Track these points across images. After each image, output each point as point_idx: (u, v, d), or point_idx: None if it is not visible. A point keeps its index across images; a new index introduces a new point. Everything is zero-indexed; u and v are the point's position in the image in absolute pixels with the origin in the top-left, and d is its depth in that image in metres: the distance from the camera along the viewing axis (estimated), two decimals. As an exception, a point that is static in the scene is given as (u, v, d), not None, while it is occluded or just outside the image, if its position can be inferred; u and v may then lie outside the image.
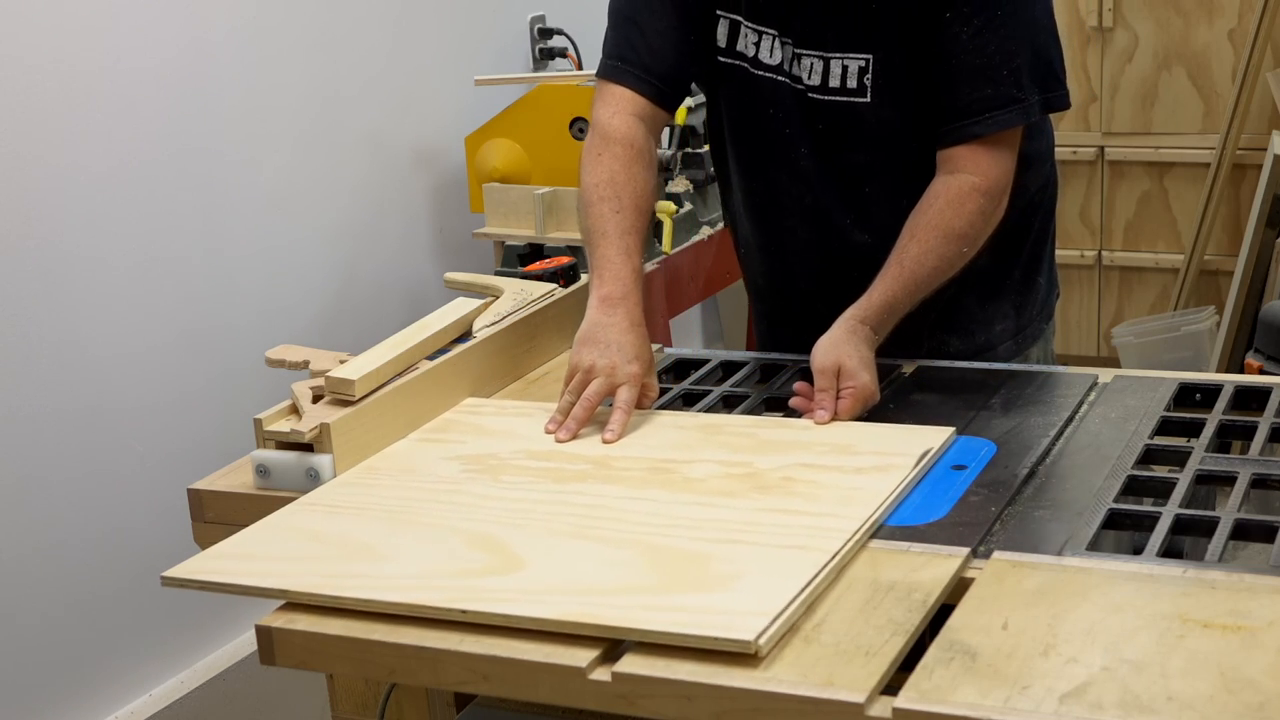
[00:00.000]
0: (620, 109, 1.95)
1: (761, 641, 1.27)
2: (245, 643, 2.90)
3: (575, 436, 1.75)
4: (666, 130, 3.36)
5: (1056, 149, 2.11)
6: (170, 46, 2.75)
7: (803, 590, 1.34)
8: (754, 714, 1.25)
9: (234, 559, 1.54)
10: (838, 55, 1.89)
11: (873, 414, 1.80)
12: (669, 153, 3.33)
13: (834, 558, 1.40)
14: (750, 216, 2.06)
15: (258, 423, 1.75)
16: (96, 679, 2.68)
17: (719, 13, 1.95)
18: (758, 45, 1.93)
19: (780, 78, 1.93)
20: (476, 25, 3.54)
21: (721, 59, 1.97)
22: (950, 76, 1.85)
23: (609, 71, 1.97)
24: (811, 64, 1.90)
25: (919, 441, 1.66)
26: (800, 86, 1.92)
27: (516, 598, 1.38)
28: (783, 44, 1.92)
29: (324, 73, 3.12)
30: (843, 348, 1.78)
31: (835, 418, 1.74)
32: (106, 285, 2.65)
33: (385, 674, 1.50)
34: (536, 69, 3.72)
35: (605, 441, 1.73)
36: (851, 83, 1.89)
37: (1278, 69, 4.11)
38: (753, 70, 1.95)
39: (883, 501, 1.52)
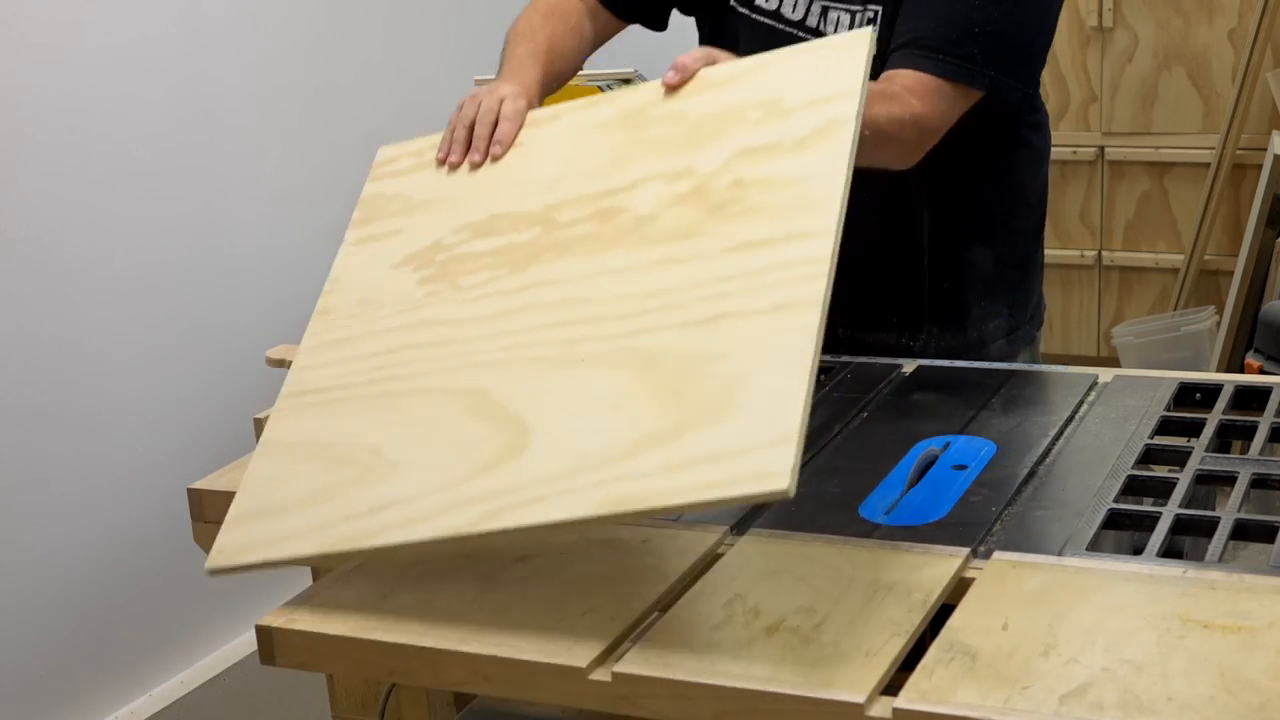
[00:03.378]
0: None
1: (788, 486, 1.21)
2: (245, 643, 2.90)
3: (465, 156, 1.67)
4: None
5: (1056, 149, 2.11)
6: (170, 43, 2.75)
7: (807, 386, 1.27)
8: (754, 714, 1.25)
9: (262, 519, 1.47)
10: (860, 6, 1.82)
11: (877, 409, 1.80)
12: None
13: (820, 311, 1.31)
14: None
15: (258, 423, 1.75)
16: (96, 679, 2.68)
17: None
18: None
19: (802, 34, 1.87)
20: (476, 24, 3.54)
21: (739, 8, 1.91)
22: (927, 8, 1.78)
23: None
24: (838, 17, 1.85)
25: (841, 63, 1.50)
26: None
27: (543, 493, 1.32)
28: None
29: (324, 71, 3.12)
30: None
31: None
32: (105, 284, 2.66)
33: (385, 674, 1.50)
34: (536, 69, 3.71)
35: (494, 157, 1.65)
36: None
37: (1278, 69, 4.11)
38: (775, 25, 1.89)
39: (840, 189, 1.39)
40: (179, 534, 1.86)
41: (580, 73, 2.03)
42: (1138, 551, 1.47)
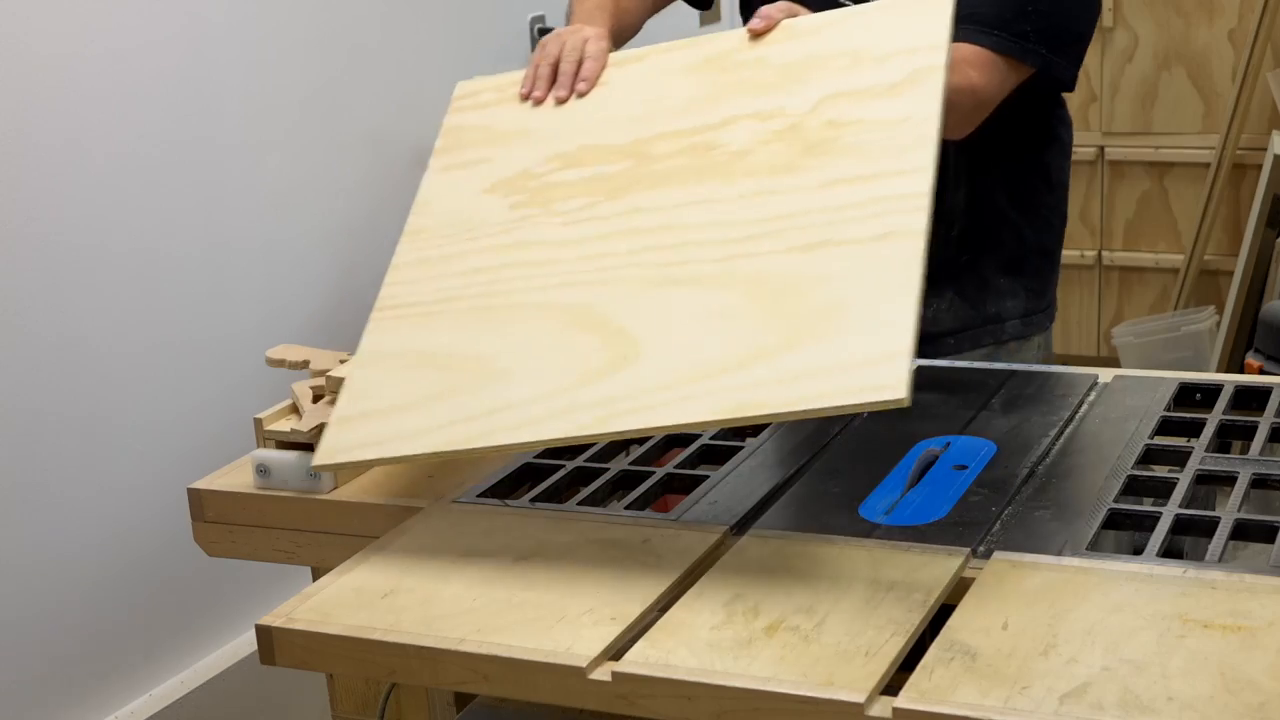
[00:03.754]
0: None
1: (904, 396, 1.26)
2: (245, 643, 2.90)
3: (549, 91, 1.70)
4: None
5: (1057, 147, 2.15)
6: (171, 44, 2.75)
7: (915, 307, 1.31)
8: (754, 714, 1.25)
9: (369, 420, 1.49)
10: None
11: (876, 413, 1.80)
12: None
13: (924, 241, 1.35)
14: None
15: (258, 422, 1.75)
16: (97, 679, 2.68)
17: None
18: None
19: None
20: (476, 25, 3.54)
21: None
22: None
23: None
24: None
25: (925, 19, 1.56)
26: None
27: (659, 400, 1.35)
28: None
29: (324, 72, 3.12)
30: None
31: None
32: (105, 284, 2.65)
33: (385, 674, 1.50)
34: (536, 69, 3.71)
35: (580, 94, 1.68)
36: None
37: (1278, 69, 4.11)
38: None
39: (935, 129, 1.44)
40: (179, 534, 1.86)
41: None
42: (1138, 551, 1.47)
